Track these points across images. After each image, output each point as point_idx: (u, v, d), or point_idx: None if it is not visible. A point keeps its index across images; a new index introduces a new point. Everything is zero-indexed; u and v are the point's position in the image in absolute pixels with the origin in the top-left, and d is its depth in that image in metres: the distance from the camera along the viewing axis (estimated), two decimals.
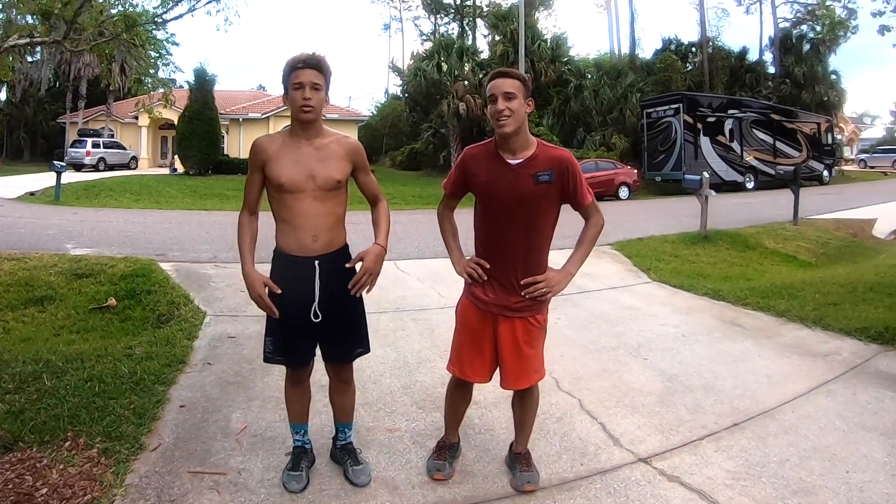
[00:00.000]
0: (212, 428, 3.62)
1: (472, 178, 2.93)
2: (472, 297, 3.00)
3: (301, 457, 3.13)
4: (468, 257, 3.05)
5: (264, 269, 2.89)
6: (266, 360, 3.02)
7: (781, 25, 39.70)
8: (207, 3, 7.82)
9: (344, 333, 2.99)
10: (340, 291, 2.90)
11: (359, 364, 3.21)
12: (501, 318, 2.94)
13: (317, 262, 2.84)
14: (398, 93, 39.09)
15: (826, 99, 37.05)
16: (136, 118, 34.50)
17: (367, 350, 3.11)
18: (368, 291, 2.93)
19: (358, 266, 2.89)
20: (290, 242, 2.86)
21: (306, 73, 2.75)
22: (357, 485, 3.04)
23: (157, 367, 4.37)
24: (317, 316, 2.85)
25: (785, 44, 38.43)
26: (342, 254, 2.95)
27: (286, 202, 2.83)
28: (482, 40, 42.79)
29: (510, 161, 2.83)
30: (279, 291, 2.82)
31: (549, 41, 35.38)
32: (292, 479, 3.02)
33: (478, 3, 43.56)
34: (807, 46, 38.18)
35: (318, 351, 3.05)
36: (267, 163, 2.83)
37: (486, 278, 2.92)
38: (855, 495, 2.99)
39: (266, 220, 2.89)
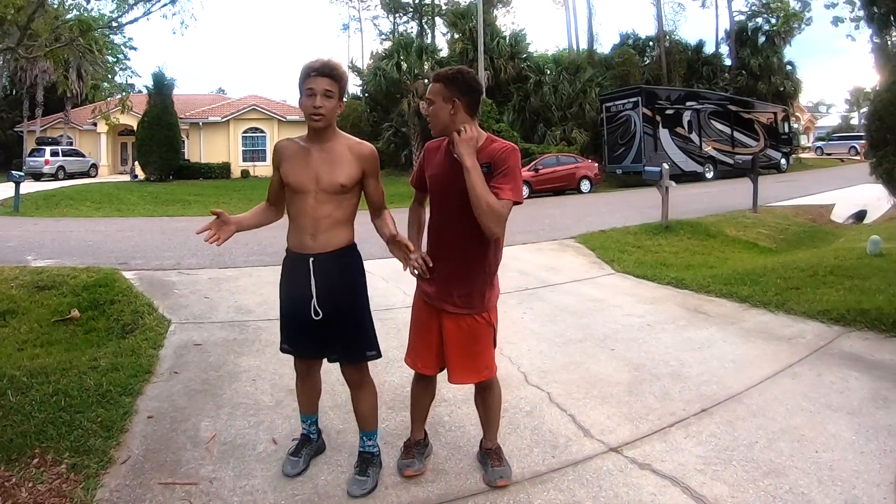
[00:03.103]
0: (181, 438, 3.58)
1: (426, 171, 3.01)
2: (420, 291, 3.08)
3: (304, 444, 3.29)
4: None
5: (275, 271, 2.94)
6: (280, 348, 3.18)
7: (737, 18, 40.40)
8: (163, 6, 7.73)
9: (351, 335, 3.02)
10: (341, 290, 2.96)
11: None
12: (444, 314, 2.96)
13: (311, 260, 2.90)
14: (358, 93, 38.76)
15: (782, 89, 37.73)
16: (95, 125, 33.84)
17: (376, 353, 3.11)
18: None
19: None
20: (293, 239, 3.00)
21: (319, 81, 2.84)
22: (349, 493, 3.01)
23: (123, 378, 4.29)
24: (317, 313, 2.90)
25: (740, 36, 39.04)
26: (341, 254, 2.98)
27: (293, 200, 2.96)
28: (441, 38, 42.92)
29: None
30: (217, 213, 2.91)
31: (507, 38, 35.48)
32: (289, 462, 3.18)
33: (436, 2, 43.55)
34: (762, 38, 38.89)
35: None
36: (281, 164, 2.99)
37: (426, 272, 2.94)
38: (825, 474, 3.06)
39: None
